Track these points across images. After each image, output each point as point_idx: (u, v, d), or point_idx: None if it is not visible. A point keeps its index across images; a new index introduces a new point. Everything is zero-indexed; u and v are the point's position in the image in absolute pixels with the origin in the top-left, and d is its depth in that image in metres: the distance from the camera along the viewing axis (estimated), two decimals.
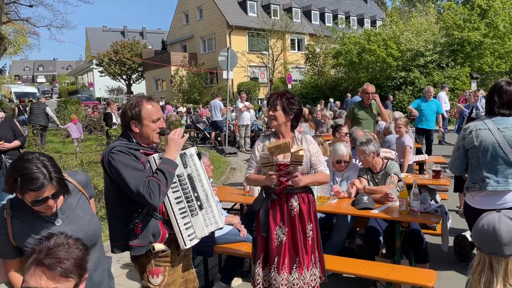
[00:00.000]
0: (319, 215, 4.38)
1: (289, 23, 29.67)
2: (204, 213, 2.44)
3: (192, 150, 2.49)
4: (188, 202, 2.39)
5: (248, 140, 13.09)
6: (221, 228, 2.58)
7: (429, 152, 9.26)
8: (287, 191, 2.88)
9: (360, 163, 4.40)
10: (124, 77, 42.81)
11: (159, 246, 2.32)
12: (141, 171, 2.24)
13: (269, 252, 2.90)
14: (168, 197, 2.31)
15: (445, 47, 21.21)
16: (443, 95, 13.12)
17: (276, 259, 2.87)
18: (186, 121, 17.57)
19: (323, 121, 10.48)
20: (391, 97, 13.07)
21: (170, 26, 38.83)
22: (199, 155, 2.52)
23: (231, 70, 12.85)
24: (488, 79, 22.18)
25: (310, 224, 2.94)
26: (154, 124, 2.39)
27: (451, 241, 4.44)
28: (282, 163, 2.83)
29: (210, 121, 14.45)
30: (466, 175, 3.28)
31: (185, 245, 2.33)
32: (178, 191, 2.37)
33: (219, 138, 14.21)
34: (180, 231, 2.32)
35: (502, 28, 21.06)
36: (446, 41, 21.27)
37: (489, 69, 21.46)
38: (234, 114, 15.54)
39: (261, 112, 17.30)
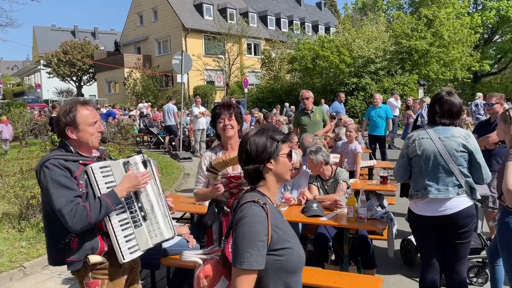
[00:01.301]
0: None
1: (246, 28, 29.80)
2: (148, 224, 2.34)
3: (137, 158, 2.39)
4: (131, 213, 2.30)
5: (203, 145, 12.93)
6: (167, 240, 2.48)
7: (383, 157, 9.58)
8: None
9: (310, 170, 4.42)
10: (74, 78, 41.21)
11: (94, 258, 2.22)
12: (69, 189, 2.15)
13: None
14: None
15: (394, 54, 22.07)
16: (393, 101, 13.61)
17: None
18: (139, 125, 17.13)
19: (277, 126, 10.54)
20: (341, 94, 13.33)
21: (123, 27, 37.84)
22: (144, 163, 2.41)
23: (186, 74, 12.68)
24: (434, 86, 23.33)
25: None
26: (91, 127, 2.30)
27: (397, 245, 4.56)
28: (233, 175, 2.77)
29: (164, 126, 14.16)
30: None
31: (124, 259, 2.23)
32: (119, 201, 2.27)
33: (173, 143, 13.95)
34: (119, 244, 2.22)
35: (446, 38, 22.24)
36: (395, 49, 22.13)
37: (435, 77, 22.58)
38: (189, 118, 15.32)
39: None
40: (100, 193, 2.20)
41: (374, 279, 3.31)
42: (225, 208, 2.82)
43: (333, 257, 4.12)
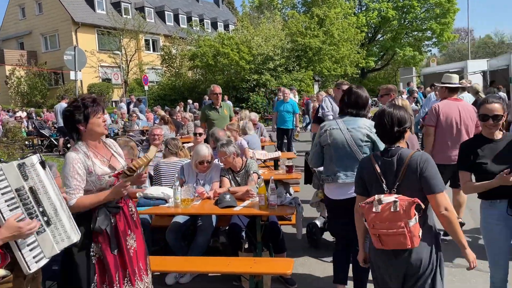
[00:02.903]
0: (184, 217, 4.37)
1: (142, 23, 28.79)
2: (53, 229, 2.18)
3: (34, 159, 2.18)
4: (32, 219, 2.10)
5: None
6: (75, 243, 2.36)
7: (289, 149, 10.10)
8: (125, 197, 2.75)
9: (222, 164, 4.50)
10: None
11: None
12: None
13: (127, 266, 2.68)
14: (2, 217, 2.00)
15: (291, 52, 23.16)
16: (292, 96, 14.32)
17: (136, 269, 2.73)
18: (28, 127, 15.64)
19: (183, 123, 10.45)
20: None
21: (2, 20, 34.02)
22: (42, 164, 2.22)
23: (80, 71, 11.89)
24: (327, 81, 25.03)
25: (140, 227, 2.90)
26: None
27: (304, 230, 4.88)
28: (119, 171, 2.66)
29: (57, 127, 13.13)
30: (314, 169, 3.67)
31: (29, 269, 2.05)
32: (18, 207, 2.06)
33: (68, 145, 13.00)
34: (22, 254, 2.04)
35: (337, 36, 23.98)
36: (291, 47, 23.23)
37: (328, 73, 24.26)
38: None
39: (115, 115, 16.41)
40: None
41: (286, 261, 3.52)
42: (116, 208, 2.67)
43: (246, 246, 4.26)
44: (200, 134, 6.08)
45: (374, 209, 2.27)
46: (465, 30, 46.41)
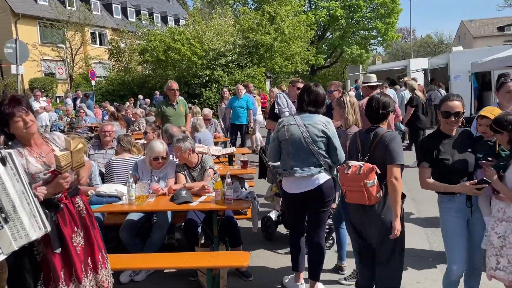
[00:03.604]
0: (138, 215, 4.32)
1: (88, 15, 27.66)
2: (11, 225, 2.14)
3: None
4: None
5: None
6: (35, 240, 2.30)
7: (243, 144, 10.18)
8: (70, 194, 2.67)
9: (177, 159, 4.49)
10: None
11: None
12: None
13: (73, 264, 2.62)
14: None
15: (243, 48, 23.20)
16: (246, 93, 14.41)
17: (82, 266, 2.68)
18: None
19: (134, 119, 10.22)
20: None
21: None
22: (2, 160, 2.17)
23: (21, 65, 11.28)
24: (279, 78, 25.35)
25: (94, 222, 2.87)
26: None
27: (259, 223, 4.98)
28: (53, 168, 2.60)
29: None
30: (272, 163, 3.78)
31: None
32: None
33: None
34: None
35: (287, 33, 24.32)
36: (243, 43, 23.27)
37: (279, 69, 24.55)
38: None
39: (60, 111, 15.70)
40: None
41: (243, 254, 3.59)
42: (60, 206, 2.59)
43: (203, 241, 4.29)
44: (146, 133, 5.97)
45: (345, 171, 2.88)
46: (408, 30, 48.67)
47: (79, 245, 2.67)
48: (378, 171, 2.80)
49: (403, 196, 2.88)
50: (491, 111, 3.05)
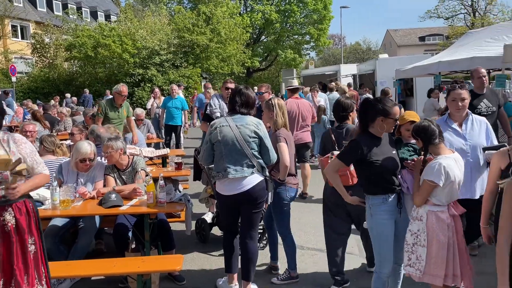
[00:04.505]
0: (63, 220, 4.06)
1: (9, 7, 25.64)
2: None
3: None
4: None
5: None
6: None
7: (178, 146, 9.98)
8: None
9: (106, 161, 4.29)
10: None
11: None
12: None
13: None
14: None
15: (178, 48, 22.82)
16: (180, 93, 14.18)
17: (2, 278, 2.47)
18: None
19: (59, 119, 9.62)
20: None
21: None
22: None
23: None
24: (215, 79, 25.26)
25: (31, 237, 2.63)
26: None
27: (193, 226, 4.91)
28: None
29: None
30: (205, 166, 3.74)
31: None
32: None
33: None
34: None
35: (223, 35, 24.31)
36: (178, 42, 22.90)
37: (215, 70, 24.48)
38: None
39: None
40: None
41: (176, 258, 3.53)
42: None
43: (133, 246, 4.14)
44: (73, 134, 5.67)
45: (329, 160, 3.32)
46: (339, 36, 50.86)
47: None
48: None
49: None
50: (413, 117, 3.28)
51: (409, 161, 3.10)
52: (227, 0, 28.02)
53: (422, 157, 2.96)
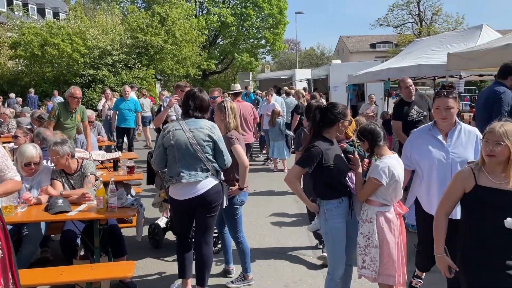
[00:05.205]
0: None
1: None
2: None
3: None
4: None
5: None
6: None
7: (130, 149, 9.71)
8: None
9: (53, 165, 4.09)
10: None
11: None
12: None
13: None
14: None
15: (131, 48, 22.28)
16: (133, 95, 13.82)
17: None
18: None
19: (2, 120, 9.10)
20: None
21: None
22: None
23: None
24: (169, 81, 24.89)
25: None
26: None
27: (145, 231, 4.79)
28: None
29: None
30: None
31: None
32: None
33: None
34: None
35: (179, 36, 24.01)
36: (132, 43, 22.35)
37: (170, 72, 24.10)
38: None
39: None
40: None
41: (127, 265, 3.43)
42: None
43: (82, 253, 3.97)
44: (17, 137, 5.37)
45: None
46: (294, 41, 51.71)
47: None
48: None
49: None
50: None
51: (351, 156, 3.16)
52: (182, 1, 27.73)
53: (364, 156, 3.08)
